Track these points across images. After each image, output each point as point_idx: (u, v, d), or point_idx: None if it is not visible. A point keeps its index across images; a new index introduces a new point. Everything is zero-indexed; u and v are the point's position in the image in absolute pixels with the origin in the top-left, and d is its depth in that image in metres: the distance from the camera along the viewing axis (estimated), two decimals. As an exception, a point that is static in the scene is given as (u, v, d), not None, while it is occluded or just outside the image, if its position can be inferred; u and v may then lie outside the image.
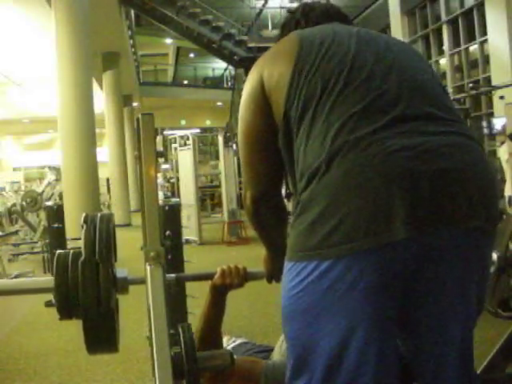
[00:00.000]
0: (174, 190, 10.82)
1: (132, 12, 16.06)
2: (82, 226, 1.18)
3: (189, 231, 8.21)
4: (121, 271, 1.22)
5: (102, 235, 1.15)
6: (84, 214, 1.23)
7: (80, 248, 1.15)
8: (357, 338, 0.96)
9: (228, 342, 1.71)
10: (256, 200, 1.20)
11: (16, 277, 6.31)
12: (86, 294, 1.10)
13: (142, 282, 1.19)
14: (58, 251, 1.22)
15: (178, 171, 9.79)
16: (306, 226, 0.99)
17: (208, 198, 12.95)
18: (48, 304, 4.49)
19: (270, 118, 1.12)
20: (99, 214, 1.23)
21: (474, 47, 10.47)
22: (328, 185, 0.96)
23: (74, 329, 1.18)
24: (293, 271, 1.02)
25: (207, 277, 1.49)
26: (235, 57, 14.08)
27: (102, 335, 1.13)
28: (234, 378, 1.43)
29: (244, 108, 1.18)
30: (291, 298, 1.02)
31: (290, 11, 1.35)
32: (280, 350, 1.54)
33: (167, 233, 3.05)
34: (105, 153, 14.45)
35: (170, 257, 3.09)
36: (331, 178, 0.96)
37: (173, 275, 1.40)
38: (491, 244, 1.07)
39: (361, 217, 0.93)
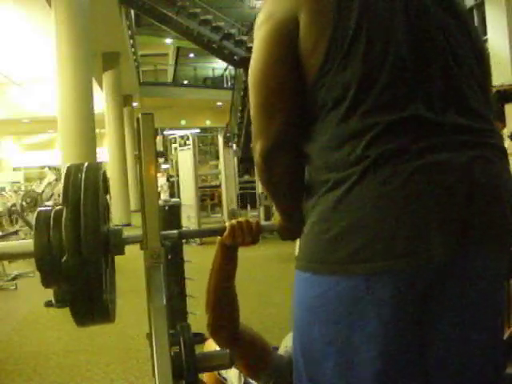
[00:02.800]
0: (174, 190, 10.80)
1: (132, 12, 16.06)
2: (65, 181, 1.09)
3: (189, 231, 8.20)
4: (114, 230, 1.16)
5: (87, 193, 1.05)
6: (67, 165, 1.13)
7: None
8: (379, 356, 0.92)
9: None
10: (269, 151, 1.01)
11: (16, 277, 6.31)
12: (70, 260, 1.02)
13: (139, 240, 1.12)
14: (39, 209, 1.13)
15: (178, 171, 9.80)
16: (331, 236, 0.92)
17: (208, 198, 12.95)
18: (48, 304, 4.52)
19: (296, 60, 0.97)
20: (85, 164, 1.13)
21: (473, 47, 10.46)
22: (361, 196, 0.90)
23: (74, 329, 1.17)
24: (312, 282, 0.96)
25: (214, 233, 1.36)
26: (235, 57, 14.07)
27: (90, 304, 1.06)
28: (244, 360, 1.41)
29: (266, 43, 1.00)
30: (309, 309, 0.97)
31: None
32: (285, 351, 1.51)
33: (167, 233, 3.05)
34: (105, 153, 14.44)
35: (170, 257, 3.10)
36: (365, 189, 0.90)
37: (175, 231, 1.29)
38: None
39: (397, 235, 0.88)
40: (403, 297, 0.91)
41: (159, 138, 17.41)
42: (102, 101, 13.70)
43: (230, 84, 22.44)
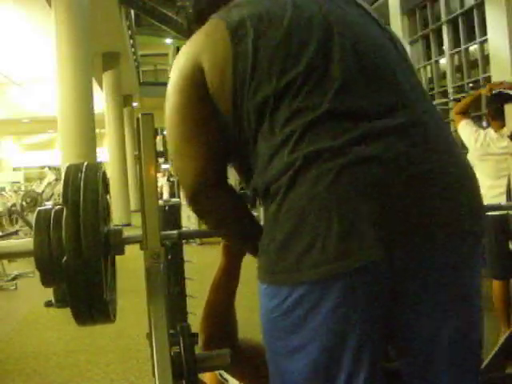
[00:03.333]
0: (174, 190, 10.80)
1: (132, 12, 16.06)
2: (64, 180, 1.09)
3: (189, 231, 8.19)
4: (114, 230, 1.15)
5: (86, 192, 1.05)
6: (67, 165, 1.14)
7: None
8: (342, 359, 0.89)
9: None
10: (197, 193, 1.03)
11: (16, 277, 6.32)
12: (70, 260, 1.01)
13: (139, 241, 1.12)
14: (39, 208, 1.13)
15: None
16: (274, 247, 0.91)
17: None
18: (48, 304, 4.52)
19: (209, 103, 1.00)
20: (85, 164, 1.14)
21: (474, 47, 10.47)
22: (293, 203, 0.89)
23: (74, 329, 1.17)
24: (268, 294, 0.95)
25: (214, 233, 1.35)
26: (235, 57, 14.08)
27: (91, 304, 1.06)
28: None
29: (176, 91, 1.03)
30: (271, 320, 0.95)
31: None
32: None
33: (167, 233, 3.05)
34: (105, 153, 14.45)
35: (169, 257, 3.10)
36: (296, 195, 0.88)
37: (175, 231, 1.30)
38: (479, 253, 0.99)
39: (330, 238, 0.85)
40: (350, 302, 0.88)
41: (159, 138, 17.43)
42: (102, 101, 13.71)
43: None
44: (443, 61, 11.45)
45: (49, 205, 1.16)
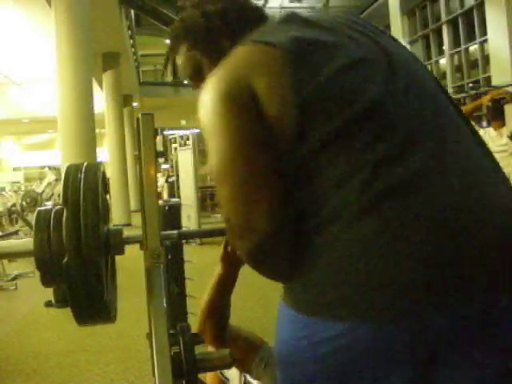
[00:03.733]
0: (174, 190, 10.80)
1: (132, 12, 16.08)
2: (64, 181, 1.09)
3: (189, 231, 8.20)
4: (114, 230, 1.16)
5: (86, 192, 1.06)
6: (67, 165, 1.15)
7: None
8: None
9: None
10: (261, 250, 0.88)
11: (16, 277, 6.32)
12: (70, 260, 1.02)
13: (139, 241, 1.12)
14: (39, 208, 1.13)
15: (178, 171, 9.81)
16: (322, 277, 0.84)
17: (208, 198, 12.95)
18: (48, 304, 4.52)
19: (268, 138, 0.88)
20: (85, 164, 1.14)
21: (474, 47, 10.48)
22: (358, 236, 0.82)
23: (74, 329, 1.17)
24: (298, 323, 0.87)
25: (214, 233, 1.35)
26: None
27: (91, 304, 1.06)
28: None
29: (227, 125, 0.89)
30: (293, 346, 0.88)
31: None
32: None
33: (167, 233, 3.05)
34: (105, 153, 14.45)
35: (170, 257, 3.10)
36: (364, 228, 0.82)
37: (175, 231, 1.30)
38: None
39: (392, 280, 0.79)
40: (395, 349, 0.80)
41: (159, 138, 17.44)
42: (102, 101, 13.71)
43: (230, 84, 22.35)
44: (443, 61, 11.46)
45: (49, 205, 1.16)
